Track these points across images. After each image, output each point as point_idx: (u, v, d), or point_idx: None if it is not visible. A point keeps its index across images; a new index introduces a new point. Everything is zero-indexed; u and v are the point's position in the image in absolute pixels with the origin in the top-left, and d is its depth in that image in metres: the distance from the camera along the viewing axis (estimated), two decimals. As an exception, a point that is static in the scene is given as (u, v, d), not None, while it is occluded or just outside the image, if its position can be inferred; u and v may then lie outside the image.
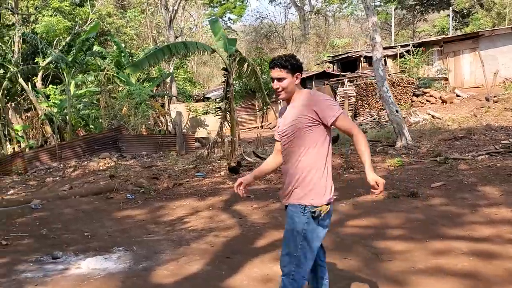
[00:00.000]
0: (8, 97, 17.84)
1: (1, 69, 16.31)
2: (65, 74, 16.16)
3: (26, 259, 5.19)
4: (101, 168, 13.59)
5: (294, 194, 2.86)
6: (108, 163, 14.10)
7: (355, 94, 20.39)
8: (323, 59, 32.74)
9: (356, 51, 28.27)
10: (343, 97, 20.12)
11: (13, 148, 16.98)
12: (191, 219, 6.84)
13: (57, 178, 13.12)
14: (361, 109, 20.80)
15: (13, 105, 18.05)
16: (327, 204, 2.82)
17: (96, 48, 18.15)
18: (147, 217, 7.16)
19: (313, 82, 24.71)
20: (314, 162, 2.84)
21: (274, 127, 24.34)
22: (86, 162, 14.61)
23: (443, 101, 19.85)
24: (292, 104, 2.95)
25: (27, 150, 16.34)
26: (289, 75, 2.89)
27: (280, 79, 2.90)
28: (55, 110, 17.54)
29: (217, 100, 21.49)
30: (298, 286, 2.85)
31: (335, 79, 24.20)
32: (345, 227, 5.82)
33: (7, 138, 16.91)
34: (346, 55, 28.14)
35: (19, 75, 16.26)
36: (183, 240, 5.72)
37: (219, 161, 12.19)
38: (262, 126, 25.05)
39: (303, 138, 2.84)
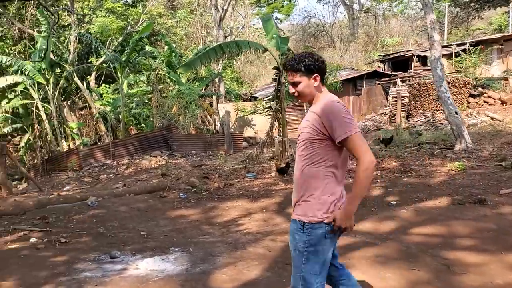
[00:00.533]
0: (64, 96, 18.46)
1: (58, 68, 16.87)
2: (118, 74, 16.52)
3: (85, 257, 5.22)
4: (152, 166, 13.77)
5: (297, 209, 2.70)
6: (159, 162, 14.28)
7: (408, 94, 19.72)
8: (373, 58, 32.00)
9: (408, 50, 27.43)
10: (396, 97, 19.52)
11: (68, 145, 17.56)
12: (245, 221, 6.72)
13: (111, 175, 13.41)
14: (414, 110, 20.10)
15: (68, 103, 18.65)
16: (328, 224, 2.61)
17: (148, 48, 18.47)
18: (200, 218, 7.10)
19: (364, 82, 24.11)
20: (318, 177, 2.62)
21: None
22: (138, 160, 14.86)
23: (503, 102, 18.84)
24: (311, 108, 2.69)
25: (81, 147, 16.83)
26: (304, 78, 2.63)
27: (294, 84, 2.67)
28: (108, 108, 17.99)
29: (264, 99, 21.41)
30: None
31: (386, 79, 23.54)
32: (409, 235, 5.51)
33: (63, 136, 17.49)
34: (397, 54, 27.36)
35: (74, 74, 16.77)
36: (238, 243, 5.60)
37: (268, 162, 12.05)
38: (310, 126, 24.65)
39: (311, 149, 2.63)
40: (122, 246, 5.67)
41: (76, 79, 17.15)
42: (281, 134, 12.02)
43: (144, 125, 19.60)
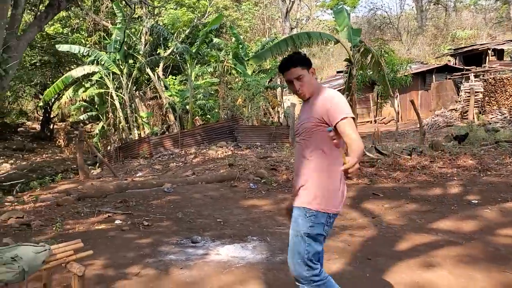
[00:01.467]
0: (136, 86, 19.19)
1: (131, 59, 17.54)
2: (188, 65, 16.93)
3: (168, 241, 5.42)
4: (219, 156, 14.04)
5: (300, 196, 2.76)
6: (225, 152, 14.54)
7: (482, 90, 18.77)
8: (443, 52, 30.68)
9: (482, 44, 26.04)
10: (469, 92, 18.64)
11: (139, 134, 18.27)
12: (319, 214, 6.69)
13: (180, 163, 13.81)
14: (488, 106, 19.11)
15: (140, 93, 19.37)
16: (335, 214, 2.72)
17: (215, 40, 18.78)
18: (273, 208, 7.15)
19: (433, 76, 23.21)
20: (321, 166, 2.69)
21: (389, 121, 23.47)
22: (205, 150, 15.21)
23: None
24: (309, 101, 2.78)
25: (151, 136, 17.46)
26: (305, 71, 2.73)
27: (299, 78, 2.73)
28: (177, 99, 18.50)
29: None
30: (320, 285, 2.77)
31: (458, 73, 22.51)
32: (495, 236, 5.26)
33: (134, 124, 18.21)
34: (470, 48, 26.04)
35: (146, 65, 17.38)
36: (315, 235, 5.59)
37: (337, 156, 11.91)
38: (375, 121, 24.17)
39: (313, 139, 2.70)
40: (201, 231, 5.84)
41: (148, 70, 17.77)
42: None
43: (209, 116, 20.00)
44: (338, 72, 31.48)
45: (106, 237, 5.51)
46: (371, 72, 16.45)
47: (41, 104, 21.91)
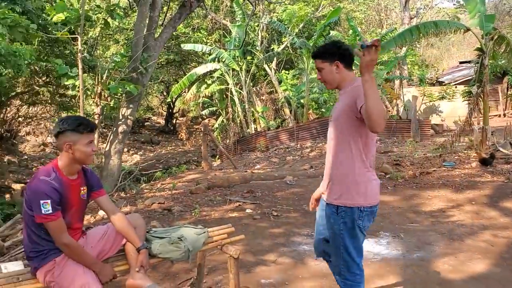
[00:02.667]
0: (253, 81, 19.76)
1: (249, 56, 18.09)
2: (304, 59, 16.99)
3: (299, 232, 5.52)
4: (336, 150, 13.91)
5: (331, 192, 2.68)
6: (342, 146, 14.36)
7: None
8: None
9: None
10: None
11: (255, 128, 18.80)
12: (454, 212, 6.32)
13: (296, 157, 13.95)
14: None
15: (256, 88, 19.92)
16: (370, 207, 2.62)
17: (333, 33, 18.60)
18: (402, 205, 6.91)
19: None
20: (352, 159, 2.58)
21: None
22: (321, 144, 15.18)
23: None
24: (340, 93, 2.68)
25: (267, 130, 17.87)
26: (326, 64, 2.64)
27: (319, 70, 2.68)
28: (291, 93, 18.69)
29: (451, 84, 19.85)
30: (354, 285, 2.76)
31: None
32: None
33: (251, 119, 18.78)
34: None
35: (264, 61, 17.79)
36: (453, 234, 5.29)
37: (465, 151, 11.13)
38: (504, 115, 22.14)
39: (339, 130, 2.60)
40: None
41: (265, 65, 18.19)
42: (480, 122, 10.98)
43: (323, 110, 19.89)
44: (461, 62, 29.34)
45: (241, 225, 5.76)
46: (503, 61, 15.07)
47: (168, 100, 23.52)
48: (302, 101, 18.42)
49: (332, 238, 2.75)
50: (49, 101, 13.99)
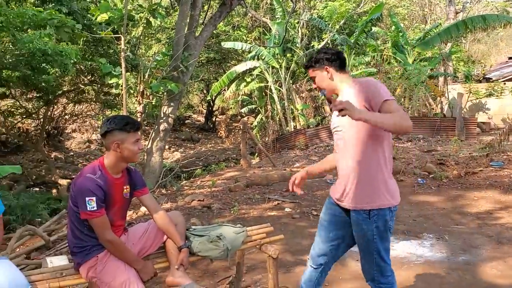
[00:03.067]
0: (293, 79, 19.66)
1: (289, 53, 17.99)
2: (345, 56, 16.74)
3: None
4: (377, 148, 13.62)
5: (355, 197, 2.56)
6: (384, 144, 14.05)
7: None
8: None
9: None
10: None
11: (295, 126, 18.69)
12: (502, 215, 6.06)
13: (337, 155, 13.75)
14: None
15: (296, 86, 19.82)
16: (395, 206, 2.58)
17: (374, 29, 18.22)
18: (447, 206, 6.68)
19: None
20: (378, 160, 2.51)
21: None
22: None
23: None
24: (341, 96, 2.58)
25: (307, 127, 17.72)
26: (317, 72, 2.67)
27: (313, 79, 2.72)
28: (332, 90, 18.43)
29: (499, 80, 19.01)
30: (388, 287, 2.70)
31: None
32: None
33: (291, 117, 18.69)
34: None
35: (304, 58, 17.65)
36: (502, 237, 5.07)
37: (514, 150, 10.65)
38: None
39: (364, 133, 2.49)
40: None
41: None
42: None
43: (365, 107, 19.55)
44: (510, 58, 28.12)
45: (280, 224, 5.73)
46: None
47: (208, 98, 23.75)
48: (342, 98, 18.16)
49: (363, 245, 2.66)
50: (94, 100, 14.41)
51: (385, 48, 18.28)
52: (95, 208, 2.49)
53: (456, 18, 19.46)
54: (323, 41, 19.33)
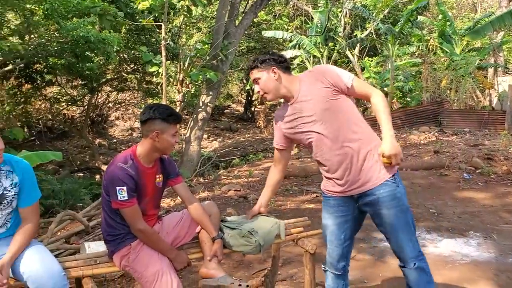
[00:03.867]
0: (334, 69, 19.28)
1: (331, 42, 17.62)
2: (389, 46, 16.26)
3: (379, 226, 5.24)
4: (421, 142, 13.19)
5: (372, 173, 2.41)
6: (428, 138, 13.59)
7: None
8: None
9: None
10: None
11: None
12: (558, 214, 5.69)
13: (378, 147, 13.42)
14: None
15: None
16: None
17: (420, 18, 17.55)
18: (495, 203, 6.34)
19: None
20: (366, 129, 2.49)
21: None
22: (405, 135, 14.48)
23: None
24: (296, 96, 2.50)
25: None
26: (263, 73, 2.52)
27: (256, 81, 2.54)
28: (375, 81, 17.98)
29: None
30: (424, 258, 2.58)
31: None
32: None
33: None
34: None
35: (346, 47, 17.29)
36: (557, 239, 4.75)
37: None
38: None
39: (341, 113, 2.42)
40: (415, 221, 5.49)
41: (348, 52, 17.68)
42: None
43: (408, 99, 18.94)
44: None
45: (318, 217, 5.55)
46: None
47: (247, 87, 23.70)
48: (385, 89, 17.63)
49: (402, 218, 2.48)
50: (136, 88, 14.62)
51: (431, 38, 17.60)
52: (126, 198, 2.46)
53: (509, 6, 18.49)
54: (366, 30, 18.83)
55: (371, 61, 20.07)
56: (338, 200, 2.61)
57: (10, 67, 8.31)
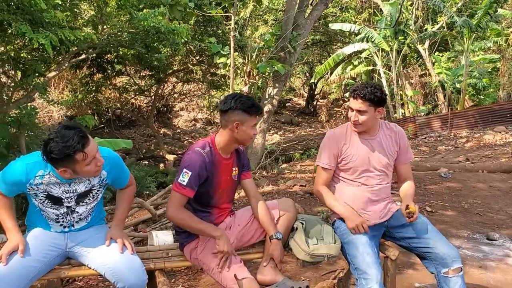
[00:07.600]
0: (403, 63, 18.52)
1: (402, 35, 16.88)
2: (465, 40, 15.34)
3: (457, 233, 4.88)
4: (497, 142, 12.35)
5: (391, 204, 2.87)
6: (505, 138, 12.71)
7: None
8: None
9: None
10: None
11: (403, 113, 17.64)
12: None
13: (449, 147, 12.73)
14: None
15: (407, 70, 18.69)
16: None
17: (500, 11, 16.37)
18: None
19: None
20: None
21: None
22: (479, 134, 13.65)
23: None
24: (372, 137, 2.73)
25: (417, 115, 16.64)
26: (371, 109, 2.58)
27: (360, 112, 2.59)
28: (445, 77, 17.05)
29: None
30: None
31: None
32: None
33: (400, 103, 17.68)
34: None
35: (417, 41, 16.52)
36: None
37: None
38: None
39: (388, 174, 2.83)
40: (495, 228, 5.08)
41: (418, 46, 16.90)
42: None
43: (482, 97, 17.81)
44: None
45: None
46: None
47: (312, 80, 23.37)
48: (458, 85, 16.67)
49: (431, 227, 2.77)
50: (201, 80, 14.76)
51: (511, 32, 16.41)
52: (184, 183, 2.36)
53: None
54: (437, 24, 17.90)
55: (442, 56, 19.07)
56: None
57: (83, 56, 8.56)
